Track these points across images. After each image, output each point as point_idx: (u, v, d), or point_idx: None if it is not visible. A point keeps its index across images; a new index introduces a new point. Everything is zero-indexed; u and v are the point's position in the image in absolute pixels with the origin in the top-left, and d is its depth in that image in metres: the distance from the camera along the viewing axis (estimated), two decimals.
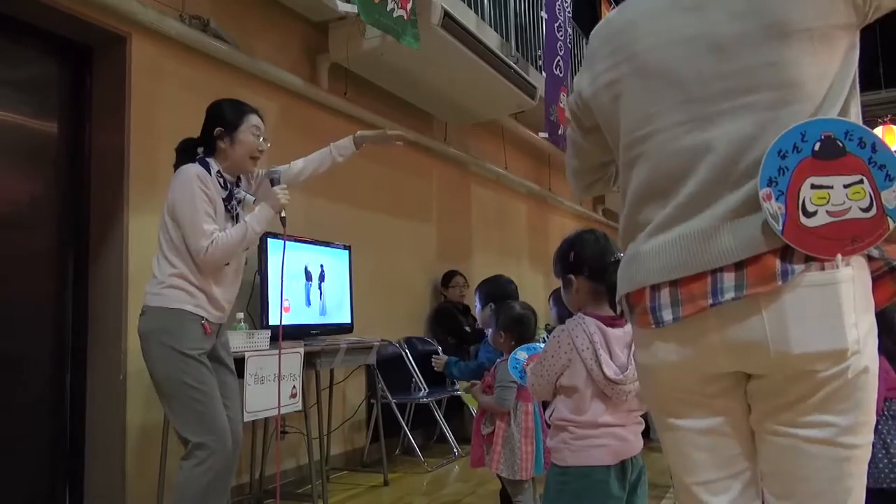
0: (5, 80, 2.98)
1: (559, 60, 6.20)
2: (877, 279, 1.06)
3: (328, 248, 4.15)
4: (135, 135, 3.19)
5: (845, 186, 1.00)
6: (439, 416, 4.82)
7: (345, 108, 4.58)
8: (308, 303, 3.91)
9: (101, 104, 3.26)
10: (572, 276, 1.91)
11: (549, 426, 1.94)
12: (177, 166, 2.55)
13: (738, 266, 1.04)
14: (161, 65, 3.37)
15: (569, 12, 6.62)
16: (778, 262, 1.01)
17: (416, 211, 5.50)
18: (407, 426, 4.58)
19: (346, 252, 4.30)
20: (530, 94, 5.46)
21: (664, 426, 1.22)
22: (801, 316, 1.01)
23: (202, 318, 2.45)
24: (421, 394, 4.68)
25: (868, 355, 1.02)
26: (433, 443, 5.04)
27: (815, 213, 1.00)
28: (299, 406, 3.21)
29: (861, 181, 0.99)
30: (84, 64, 3.27)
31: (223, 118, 2.56)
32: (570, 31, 6.79)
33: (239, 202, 2.63)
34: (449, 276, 5.59)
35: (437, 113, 5.62)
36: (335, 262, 4.19)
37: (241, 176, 2.68)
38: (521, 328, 2.69)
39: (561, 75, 6.26)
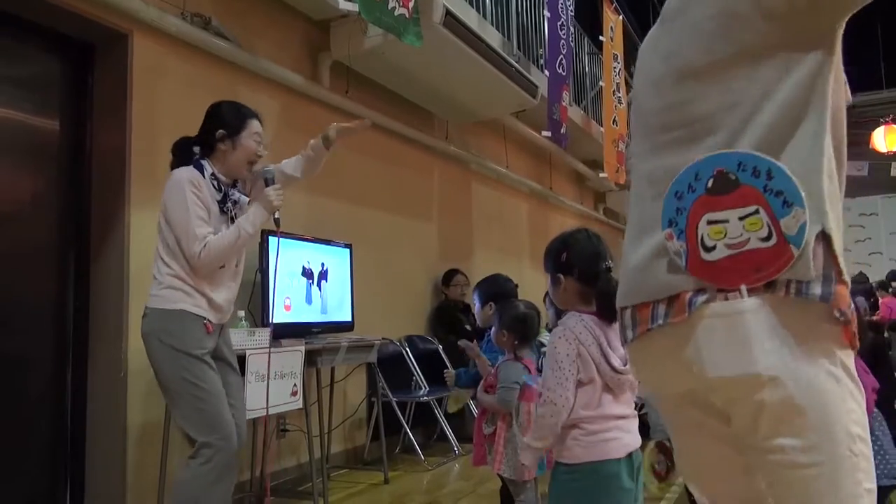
0: (7, 77, 2.98)
1: (562, 59, 6.20)
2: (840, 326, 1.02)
3: (329, 247, 4.14)
4: (136, 132, 3.19)
5: (741, 218, 1.01)
6: (440, 414, 4.83)
7: (346, 107, 4.58)
8: (309, 301, 3.91)
9: (102, 102, 3.27)
10: (562, 276, 1.92)
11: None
12: (174, 166, 2.55)
13: (669, 300, 1.09)
14: (162, 62, 3.37)
15: (571, 11, 6.62)
16: (689, 294, 1.05)
17: (417, 209, 5.50)
18: (407, 424, 4.58)
19: (347, 250, 4.30)
20: (532, 92, 5.46)
21: (672, 430, 1.25)
22: (710, 343, 1.03)
23: (203, 317, 2.46)
24: (421, 392, 4.68)
25: (802, 379, 0.98)
26: (434, 441, 5.05)
27: (713, 248, 1.02)
28: (300, 404, 3.22)
29: (757, 211, 1.00)
30: (85, 61, 3.27)
31: (225, 121, 2.55)
32: (572, 29, 6.79)
33: (235, 203, 2.62)
34: (450, 275, 5.59)
35: (438, 111, 5.62)
36: (336, 261, 4.19)
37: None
38: (524, 328, 2.68)
39: (563, 74, 6.26)
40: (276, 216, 2.59)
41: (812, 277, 0.99)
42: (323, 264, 4.05)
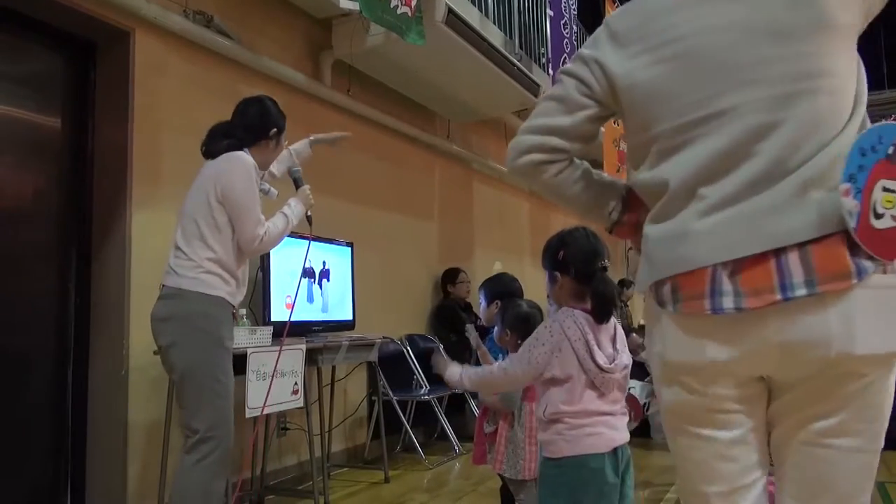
0: (9, 74, 2.99)
1: (565, 58, 6.20)
2: None
3: (330, 245, 4.15)
4: (138, 130, 3.19)
5: None
6: (440, 413, 4.83)
7: (348, 105, 4.58)
8: (310, 299, 3.92)
9: (104, 99, 3.27)
10: (558, 274, 1.94)
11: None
12: (209, 149, 2.56)
13: (803, 251, 1.02)
14: (164, 60, 3.37)
15: (574, 10, 6.61)
16: (849, 259, 1.00)
17: (419, 208, 5.50)
18: (408, 423, 4.58)
19: (349, 249, 4.30)
20: (534, 91, 5.45)
21: (687, 434, 1.18)
22: (870, 316, 1.00)
23: (233, 307, 2.48)
24: (422, 391, 4.68)
25: None
26: (434, 440, 5.05)
27: (882, 216, 1.01)
28: (301, 403, 3.22)
29: None
30: (88, 59, 3.27)
31: (279, 121, 2.64)
32: (575, 28, 6.78)
33: (266, 193, 2.72)
34: (454, 273, 5.59)
35: (440, 110, 5.61)
36: (337, 259, 4.19)
37: None
38: (527, 327, 2.67)
39: None
40: (308, 213, 2.74)
41: None
42: (324, 263, 4.05)
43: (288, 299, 3.72)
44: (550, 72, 6.20)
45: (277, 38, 4.09)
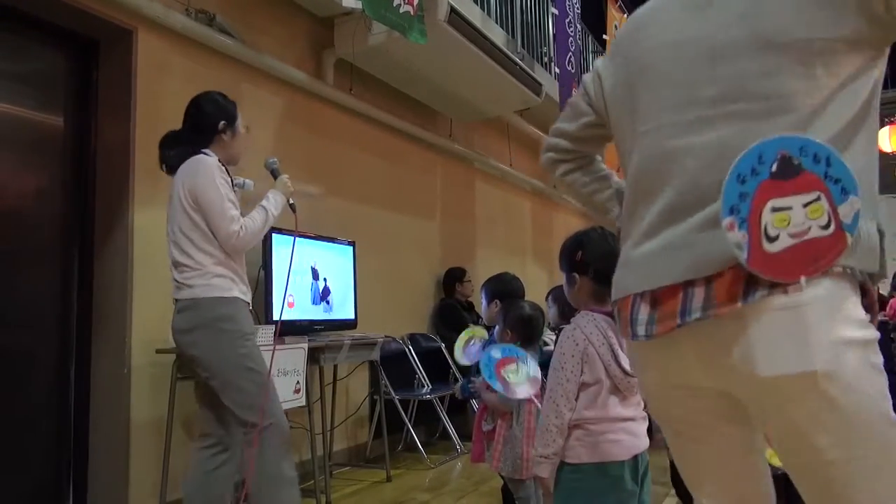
0: (11, 73, 2.99)
1: (570, 56, 6.20)
2: None
3: (333, 244, 4.14)
4: (140, 129, 3.19)
5: (804, 205, 0.98)
6: (442, 412, 4.83)
7: (350, 104, 4.58)
8: (315, 301, 3.92)
9: (106, 98, 3.27)
10: (577, 275, 1.91)
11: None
12: (167, 161, 2.58)
13: (708, 281, 1.03)
14: (167, 59, 3.37)
15: (577, 9, 6.61)
16: (741, 286, 1.00)
17: (421, 207, 5.50)
18: (410, 422, 4.58)
19: (351, 248, 4.30)
20: (536, 91, 5.45)
21: (667, 432, 1.23)
22: (766, 338, 0.99)
23: (248, 303, 2.51)
24: (424, 390, 4.68)
25: (851, 370, 0.98)
26: (436, 439, 5.05)
27: (777, 238, 0.98)
28: (303, 401, 3.22)
29: (818, 198, 0.97)
30: (90, 58, 3.27)
31: (225, 111, 2.59)
32: (579, 27, 6.78)
33: (241, 187, 2.72)
34: (461, 273, 5.59)
35: (442, 109, 5.61)
36: (339, 258, 4.19)
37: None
38: (528, 329, 2.69)
39: (573, 71, 6.25)
40: (290, 201, 2.70)
41: (871, 269, 1.01)
42: (326, 262, 4.04)
43: (291, 297, 3.72)
44: (556, 70, 6.19)
45: (280, 36, 4.09)
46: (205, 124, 2.57)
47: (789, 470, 1.08)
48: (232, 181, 2.58)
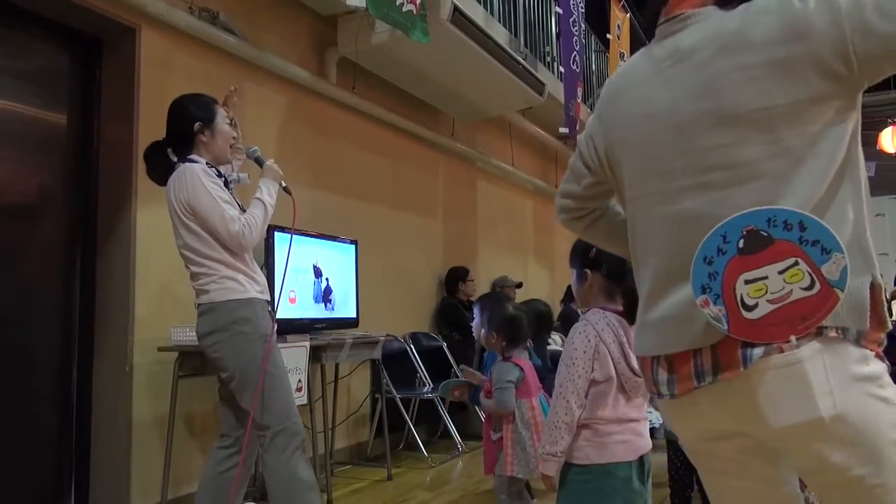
0: (15, 70, 2.99)
1: (575, 55, 6.19)
2: None
3: (335, 243, 4.15)
4: (143, 127, 3.20)
5: (780, 272, 1.00)
6: (443, 411, 4.83)
7: (353, 103, 4.58)
8: (317, 299, 3.92)
9: (110, 96, 3.27)
10: (588, 271, 1.91)
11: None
12: (152, 172, 2.57)
13: (714, 348, 1.07)
14: (170, 57, 3.37)
15: (581, 8, 6.60)
16: (739, 349, 1.04)
17: (423, 206, 5.50)
18: (411, 421, 4.58)
19: (353, 247, 4.30)
20: (538, 90, 5.44)
21: (701, 469, 1.27)
22: (771, 396, 1.03)
23: (267, 302, 2.52)
24: (425, 389, 4.68)
25: (859, 408, 1.01)
26: (437, 438, 5.05)
27: (755, 306, 1.01)
28: (304, 400, 3.22)
29: (796, 263, 0.99)
30: (93, 56, 3.28)
31: (197, 113, 2.55)
32: (583, 26, 6.77)
33: (237, 182, 2.68)
34: (465, 272, 5.59)
35: (444, 108, 5.61)
36: (342, 257, 4.19)
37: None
38: (512, 329, 2.68)
39: (577, 70, 6.25)
40: (283, 184, 2.67)
41: (860, 328, 1.02)
42: (328, 261, 4.05)
43: (292, 294, 3.72)
44: (560, 69, 6.19)
45: (283, 35, 4.09)
46: (181, 128, 2.54)
47: (818, 492, 1.13)
48: (226, 179, 2.57)
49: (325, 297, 4.01)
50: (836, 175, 1.03)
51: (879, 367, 1.04)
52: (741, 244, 1.01)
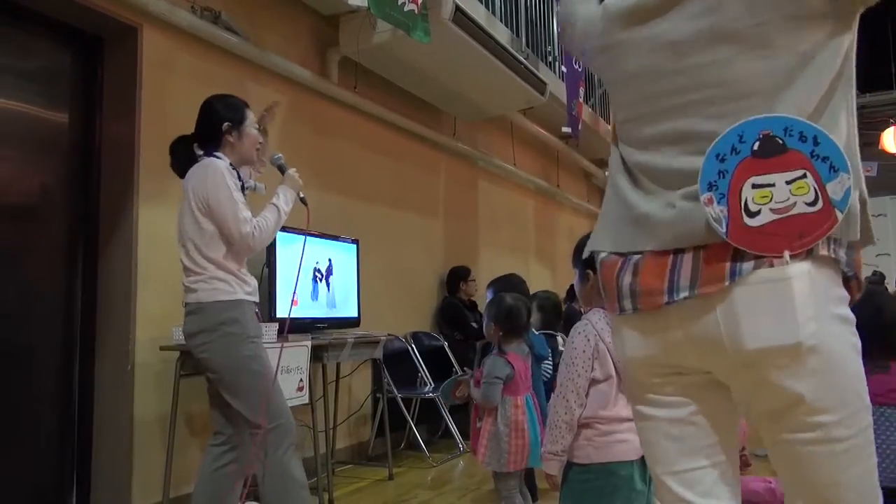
0: (17, 69, 2.99)
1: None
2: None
3: (336, 242, 4.15)
4: (145, 126, 3.20)
5: (788, 182, 0.99)
6: (444, 411, 4.83)
7: (354, 102, 4.58)
8: (315, 296, 3.92)
9: (111, 95, 3.27)
10: (590, 272, 1.91)
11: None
12: (177, 165, 2.60)
13: (696, 253, 1.04)
14: (172, 56, 3.37)
15: None
16: (728, 262, 1.01)
17: (424, 206, 5.50)
18: (412, 421, 4.59)
19: (354, 246, 4.30)
20: (540, 89, 5.44)
21: (636, 414, 1.23)
22: (753, 312, 1.00)
23: (255, 304, 2.52)
24: (426, 389, 4.68)
25: (835, 346, 1.01)
26: (438, 438, 5.05)
27: (758, 213, 1.00)
28: (305, 399, 3.22)
29: (804, 175, 0.99)
30: (95, 55, 3.28)
31: (228, 113, 2.60)
32: None
33: (252, 189, 2.72)
34: (466, 271, 5.59)
35: (445, 108, 5.61)
36: (343, 257, 4.19)
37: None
38: (510, 321, 2.70)
39: (579, 70, 6.24)
40: (301, 195, 2.72)
41: (852, 238, 1.02)
42: (329, 260, 4.05)
43: (294, 295, 3.72)
44: (562, 69, 6.18)
45: (285, 34, 4.09)
46: (210, 127, 2.59)
47: (771, 449, 1.10)
48: (243, 185, 2.60)
49: (327, 296, 4.01)
50: (829, 89, 1.04)
51: (852, 316, 1.04)
52: (756, 146, 1.00)
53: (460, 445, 4.71)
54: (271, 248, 3.56)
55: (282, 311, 3.59)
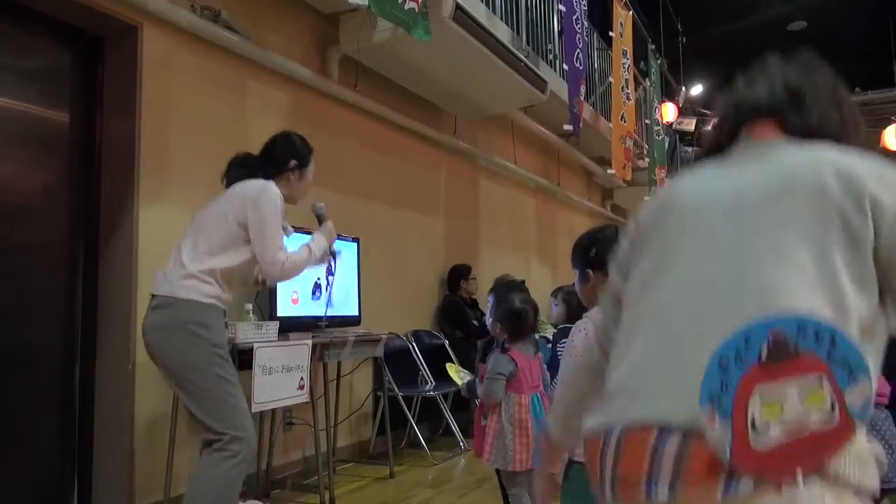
0: (17, 69, 2.99)
1: (578, 53, 6.18)
2: None
3: (337, 241, 4.14)
4: (146, 125, 3.20)
5: (801, 392, 0.84)
6: (445, 409, 4.83)
7: (355, 101, 4.58)
8: (317, 297, 3.92)
9: (112, 94, 3.27)
10: (590, 271, 1.92)
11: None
12: (231, 178, 2.61)
13: (684, 438, 0.86)
14: (172, 55, 3.37)
15: (584, 5, 6.59)
16: (722, 468, 0.83)
17: (425, 204, 5.50)
18: (413, 419, 4.59)
19: (355, 245, 4.30)
20: (541, 88, 5.44)
21: None
22: None
23: (225, 312, 2.51)
24: (427, 387, 4.69)
25: None
26: (439, 436, 5.05)
27: (766, 430, 0.83)
28: (306, 398, 3.23)
29: (820, 383, 0.83)
30: (95, 54, 3.28)
31: (299, 152, 2.67)
32: (586, 24, 6.76)
33: (285, 229, 2.71)
34: (467, 270, 5.59)
35: (446, 106, 5.60)
36: (343, 255, 4.19)
37: None
38: (518, 322, 2.71)
39: (581, 68, 6.24)
40: (333, 248, 2.80)
41: (861, 480, 0.86)
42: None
43: (294, 294, 3.73)
44: (564, 67, 6.18)
45: (285, 33, 4.09)
46: (276, 158, 2.64)
47: None
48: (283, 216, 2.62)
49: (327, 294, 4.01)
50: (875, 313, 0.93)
51: None
52: (764, 352, 0.85)
53: (461, 443, 4.72)
54: (285, 280, 3.55)
55: (282, 310, 3.59)
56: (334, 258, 2.86)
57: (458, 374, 2.96)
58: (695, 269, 0.99)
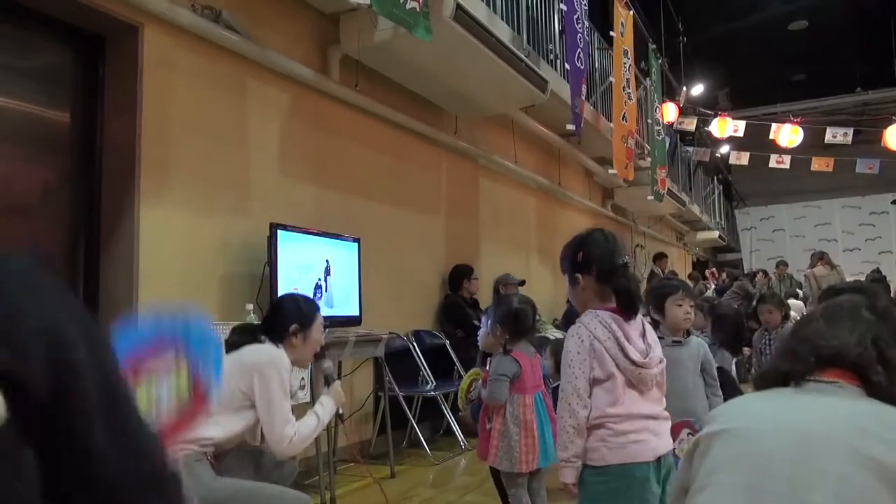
0: (18, 69, 2.99)
1: (579, 52, 6.18)
2: None
3: (337, 241, 4.15)
4: (147, 125, 3.20)
5: None
6: (446, 409, 4.83)
7: (355, 101, 4.58)
8: (318, 297, 3.92)
9: (112, 94, 3.27)
10: (579, 276, 1.92)
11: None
12: (235, 345, 2.50)
13: None
14: (173, 55, 3.37)
15: (585, 5, 6.59)
16: None
17: (425, 204, 5.49)
18: (414, 419, 4.58)
19: (356, 244, 4.30)
20: (541, 87, 5.43)
21: None
22: None
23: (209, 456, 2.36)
24: (428, 387, 4.69)
25: None
26: (440, 436, 5.05)
27: None
28: (308, 398, 3.22)
29: None
30: (96, 53, 3.28)
31: (298, 315, 2.56)
32: (587, 23, 6.75)
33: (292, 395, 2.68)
34: (469, 270, 5.59)
35: (447, 106, 5.60)
36: (344, 255, 4.19)
37: None
38: (517, 323, 2.71)
39: (582, 67, 6.24)
40: (340, 411, 2.70)
41: None
42: (327, 260, 4.05)
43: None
44: (566, 66, 6.18)
45: (285, 32, 4.09)
46: (278, 323, 2.55)
47: None
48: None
49: (327, 294, 4.01)
50: None
51: None
52: None
53: (462, 443, 4.72)
54: (272, 248, 3.56)
55: None
56: (341, 420, 2.82)
57: (469, 387, 2.92)
58: None
